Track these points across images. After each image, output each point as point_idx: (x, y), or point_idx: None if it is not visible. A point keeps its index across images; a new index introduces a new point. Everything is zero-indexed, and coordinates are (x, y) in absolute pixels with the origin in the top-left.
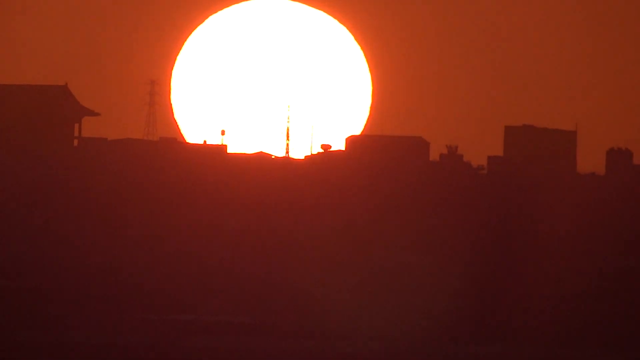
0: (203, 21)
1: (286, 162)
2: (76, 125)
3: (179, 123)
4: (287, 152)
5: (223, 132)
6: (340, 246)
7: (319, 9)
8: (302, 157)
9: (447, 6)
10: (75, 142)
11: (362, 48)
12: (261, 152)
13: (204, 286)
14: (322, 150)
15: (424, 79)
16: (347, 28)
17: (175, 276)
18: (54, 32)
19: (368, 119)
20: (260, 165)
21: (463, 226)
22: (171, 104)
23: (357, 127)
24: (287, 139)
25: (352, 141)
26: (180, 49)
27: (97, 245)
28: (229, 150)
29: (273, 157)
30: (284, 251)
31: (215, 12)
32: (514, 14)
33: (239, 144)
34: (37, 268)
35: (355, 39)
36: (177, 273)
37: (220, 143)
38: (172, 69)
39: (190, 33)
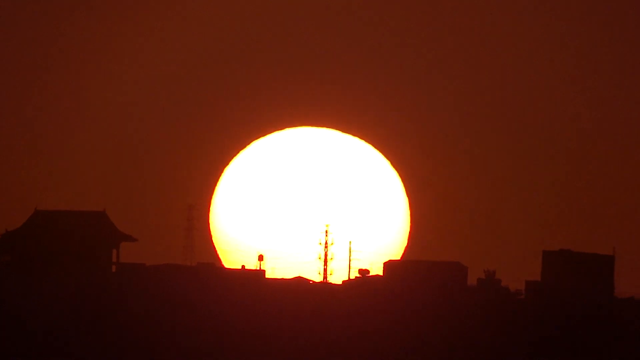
0: (245, 147)
1: (324, 288)
2: (114, 251)
3: (217, 248)
4: (325, 278)
5: (261, 257)
6: None
7: (357, 137)
8: (340, 282)
9: (484, 133)
10: (113, 268)
11: (399, 174)
12: (299, 277)
13: None
14: (360, 275)
15: (461, 205)
16: (384, 155)
17: None
18: (93, 157)
19: (406, 244)
20: (298, 291)
21: (501, 351)
22: (209, 229)
23: (394, 252)
24: (325, 264)
25: (390, 266)
26: (220, 175)
27: None
28: (267, 275)
29: (311, 282)
30: None
31: (258, 138)
32: (541, 137)
33: (277, 269)
34: None
35: (392, 165)
36: None
37: (258, 268)
38: (211, 194)
39: (230, 159)
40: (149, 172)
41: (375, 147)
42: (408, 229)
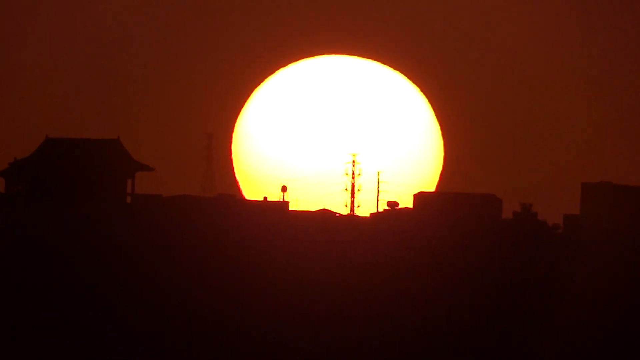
0: (271, 75)
1: (351, 221)
2: (129, 181)
3: (238, 179)
4: (352, 210)
5: (284, 188)
6: (405, 308)
7: (387, 65)
8: (368, 215)
9: (520, 59)
10: (128, 199)
11: (429, 102)
12: (325, 209)
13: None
14: (388, 208)
15: (496, 134)
16: (413, 82)
17: (231, 337)
18: (106, 81)
19: (438, 176)
20: (323, 223)
21: (537, 287)
22: (231, 159)
23: (425, 184)
24: (352, 195)
25: (420, 198)
26: (243, 103)
27: (151, 308)
28: (291, 208)
29: (337, 214)
30: (348, 313)
31: (285, 66)
32: (592, 65)
33: (301, 201)
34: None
35: (425, 95)
36: (233, 333)
37: (281, 199)
38: (232, 122)
39: (255, 87)
40: (167, 98)
41: (404, 74)
42: (440, 160)
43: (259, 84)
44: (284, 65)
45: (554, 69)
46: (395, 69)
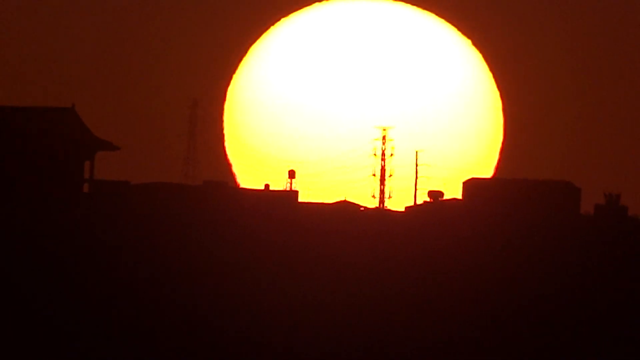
0: (272, 26)
1: (380, 215)
2: (87, 164)
3: (231, 161)
4: (381, 202)
5: (292, 174)
6: (451, 327)
7: (427, 11)
8: (402, 209)
9: (607, 10)
10: (86, 187)
11: (487, 63)
12: (345, 200)
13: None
14: (430, 199)
15: (573, 105)
16: (466, 35)
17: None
18: (57, 38)
19: (496, 158)
20: (344, 219)
21: (626, 296)
22: (222, 135)
23: (479, 168)
24: (382, 183)
25: (472, 186)
26: (238, 62)
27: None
28: (301, 199)
29: (362, 208)
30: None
31: (288, 15)
32: None
33: (314, 190)
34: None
35: (480, 51)
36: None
37: (288, 188)
38: (224, 87)
39: (252, 41)
40: (136, 55)
41: (453, 24)
42: (499, 137)
43: (257, 39)
44: (289, 13)
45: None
46: (440, 16)
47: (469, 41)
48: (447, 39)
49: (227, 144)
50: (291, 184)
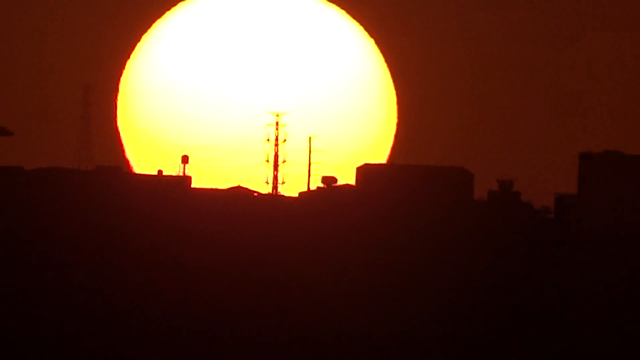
0: (168, 11)
1: (273, 201)
2: None
3: (124, 146)
4: (275, 188)
5: (185, 159)
6: (346, 314)
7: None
8: (296, 195)
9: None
10: None
11: (379, 48)
12: (239, 186)
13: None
14: (323, 185)
15: (466, 91)
16: (357, 20)
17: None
18: None
19: (390, 143)
20: (237, 205)
21: (520, 285)
22: (115, 120)
23: (372, 154)
24: (275, 169)
25: (365, 172)
26: (133, 46)
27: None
28: (194, 184)
29: (255, 193)
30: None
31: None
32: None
33: (207, 175)
34: None
35: (371, 36)
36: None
37: (181, 173)
38: (119, 70)
39: (147, 26)
40: (28, 36)
41: (345, 10)
42: (393, 122)
43: (152, 23)
44: None
45: (536, 16)
46: (335, 3)
47: (361, 27)
48: (339, 25)
49: (120, 128)
50: (184, 169)
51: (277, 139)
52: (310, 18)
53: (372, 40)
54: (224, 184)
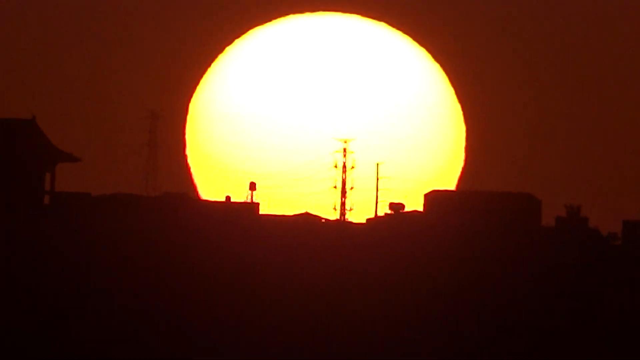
0: (236, 39)
1: (341, 227)
2: (48, 175)
3: (192, 173)
4: (342, 214)
5: (253, 186)
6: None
7: (388, 25)
8: (363, 221)
9: (569, 18)
10: (47, 198)
11: (448, 76)
12: (306, 212)
13: None
14: (391, 211)
15: (535, 118)
16: (426, 49)
17: None
18: (18, 45)
19: (459, 170)
20: (305, 231)
21: (587, 310)
22: (183, 147)
23: (440, 180)
24: (343, 195)
25: (434, 199)
26: (201, 74)
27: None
28: (262, 211)
29: (322, 219)
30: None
31: (257, 26)
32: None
33: (275, 202)
34: None
35: (440, 65)
36: None
37: (249, 200)
38: (187, 98)
39: (216, 54)
40: (97, 66)
41: (415, 39)
42: (461, 149)
43: (220, 51)
44: (253, 26)
45: (604, 39)
46: (393, 26)
47: (426, 51)
48: (404, 50)
49: (188, 155)
50: (252, 195)
51: (344, 166)
52: (376, 44)
53: (437, 65)
54: (291, 211)
